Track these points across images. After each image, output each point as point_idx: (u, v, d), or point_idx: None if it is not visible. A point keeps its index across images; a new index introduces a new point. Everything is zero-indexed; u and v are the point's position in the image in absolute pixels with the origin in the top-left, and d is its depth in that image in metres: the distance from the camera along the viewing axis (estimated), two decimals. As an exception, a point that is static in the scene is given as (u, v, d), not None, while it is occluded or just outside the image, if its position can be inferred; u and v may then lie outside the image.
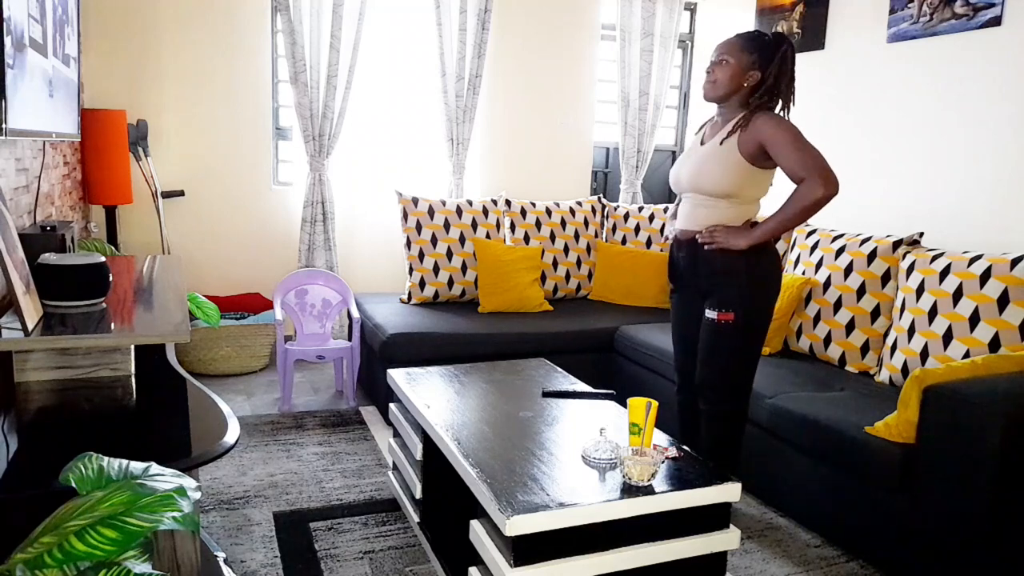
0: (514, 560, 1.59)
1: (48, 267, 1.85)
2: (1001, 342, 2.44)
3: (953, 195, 3.17)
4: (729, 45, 2.30)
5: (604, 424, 2.07)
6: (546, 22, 4.49)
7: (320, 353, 3.47)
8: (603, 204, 4.26)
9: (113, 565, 0.91)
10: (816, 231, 3.27)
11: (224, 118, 3.96)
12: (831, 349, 3.00)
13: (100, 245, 3.04)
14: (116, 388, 1.73)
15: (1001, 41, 2.97)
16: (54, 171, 2.95)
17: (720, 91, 2.32)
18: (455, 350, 3.24)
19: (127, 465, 1.07)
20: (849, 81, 3.68)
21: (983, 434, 1.94)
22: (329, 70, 3.91)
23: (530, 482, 1.71)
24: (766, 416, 2.56)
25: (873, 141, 3.56)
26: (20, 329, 1.61)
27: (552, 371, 2.61)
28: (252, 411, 3.35)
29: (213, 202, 4.01)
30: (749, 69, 2.27)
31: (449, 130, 4.27)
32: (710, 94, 2.35)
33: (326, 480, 2.68)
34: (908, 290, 2.76)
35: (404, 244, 3.75)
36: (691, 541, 1.75)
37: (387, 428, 3.22)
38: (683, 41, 4.92)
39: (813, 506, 2.45)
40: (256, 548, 2.22)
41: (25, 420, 1.56)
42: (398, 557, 2.21)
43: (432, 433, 2.07)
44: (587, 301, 4.06)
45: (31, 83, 2.00)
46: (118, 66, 3.74)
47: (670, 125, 5.07)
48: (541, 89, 4.55)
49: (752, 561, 2.29)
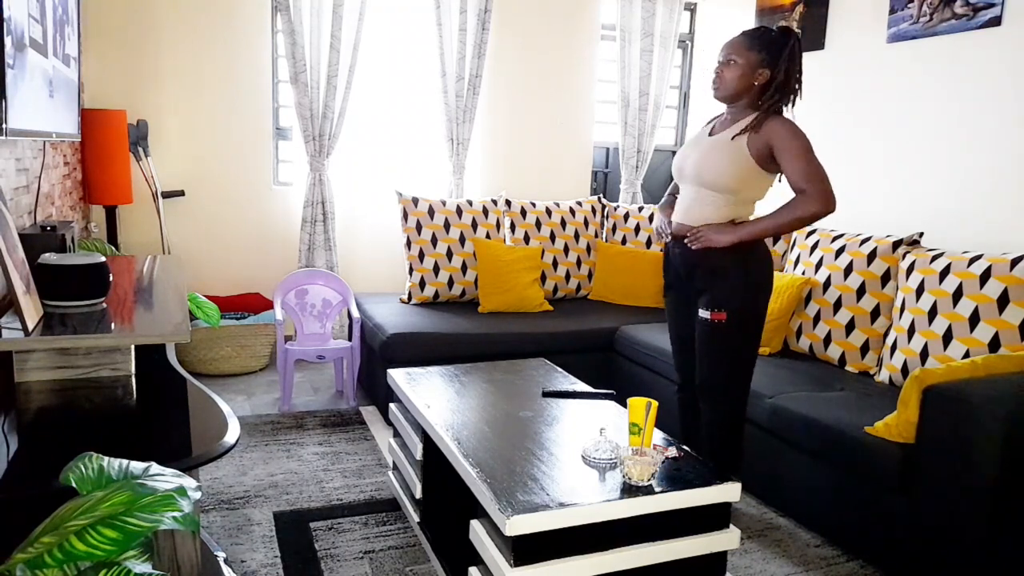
0: (514, 560, 1.59)
1: (48, 267, 1.85)
2: (1001, 342, 2.44)
3: (953, 195, 3.17)
4: (736, 45, 2.27)
5: (604, 424, 2.07)
6: (546, 22, 4.49)
7: (320, 353, 3.47)
8: (603, 204, 4.26)
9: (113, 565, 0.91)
10: (816, 231, 3.27)
11: (224, 118, 3.96)
12: (831, 349, 3.00)
13: (100, 245, 3.04)
14: (116, 388, 1.73)
15: (1001, 41, 2.97)
16: (54, 171, 2.95)
17: (729, 91, 2.29)
18: (455, 350, 3.24)
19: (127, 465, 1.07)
20: (849, 81, 3.67)
21: (983, 434, 1.94)
22: (329, 70, 3.91)
23: (530, 482, 1.71)
24: (766, 416, 2.56)
25: (873, 141, 3.56)
26: (20, 329, 1.61)
27: (552, 371, 2.61)
28: (252, 411, 3.35)
29: (213, 202, 4.01)
30: (758, 68, 2.24)
31: (449, 130, 4.27)
32: (720, 95, 2.33)
33: (326, 480, 2.68)
34: (908, 290, 2.76)
35: (404, 244, 3.75)
36: (691, 541, 1.75)
37: (387, 428, 3.22)
38: (683, 41, 4.92)
39: (813, 506, 2.45)
40: (256, 548, 2.22)
41: (25, 420, 1.56)
42: (398, 557, 2.21)
43: (432, 433, 2.07)
44: (587, 301, 4.06)
45: (31, 83, 2.00)
46: (118, 66, 3.74)
47: (670, 125, 5.07)
48: (541, 89, 4.55)
49: (752, 561, 2.29)
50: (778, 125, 2.20)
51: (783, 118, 2.23)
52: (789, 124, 2.21)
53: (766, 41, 2.24)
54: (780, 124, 2.20)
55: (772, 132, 2.20)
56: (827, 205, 2.14)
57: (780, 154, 2.19)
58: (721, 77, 2.30)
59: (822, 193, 2.14)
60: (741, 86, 2.27)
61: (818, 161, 2.17)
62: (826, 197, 2.14)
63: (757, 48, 2.24)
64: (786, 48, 2.23)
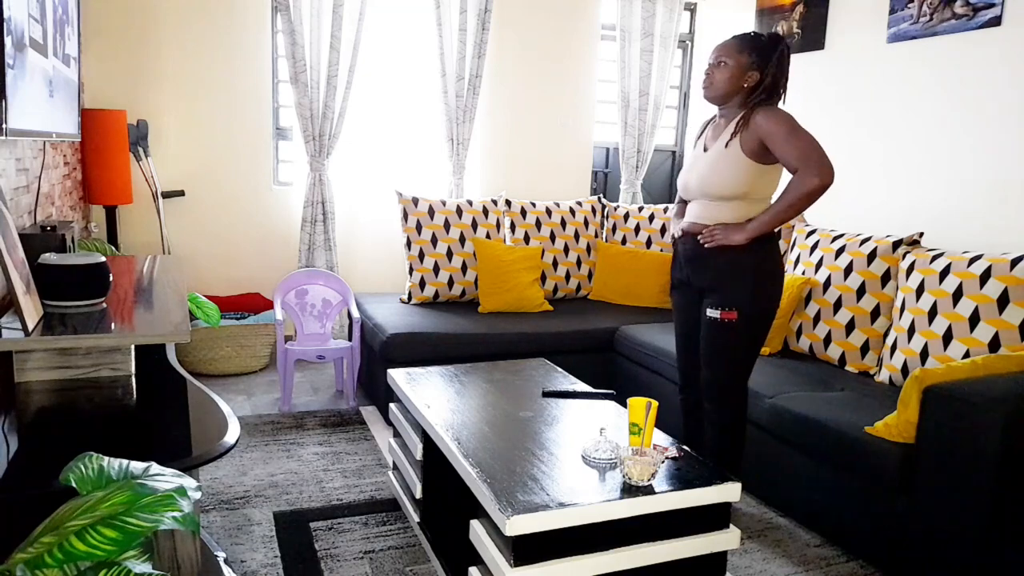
0: (514, 560, 1.59)
1: (48, 267, 1.85)
2: (1001, 342, 2.44)
3: (953, 195, 3.17)
4: (726, 47, 2.31)
5: (604, 424, 2.07)
6: (546, 22, 4.49)
7: (320, 353, 3.47)
8: (603, 204, 4.25)
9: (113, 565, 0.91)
10: (816, 231, 3.27)
11: (224, 118, 3.96)
12: (831, 349, 3.00)
13: (100, 245, 3.04)
14: (116, 388, 1.73)
15: (1001, 41, 2.97)
16: (54, 171, 2.95)
17: (719, 92, 2.33)
18: (455, 350, 3.24)
19: (127, 465, 1.07)
20: (849, 81, 3.68)
21: (983, 434, 1.94)
22: (329, 70, 3.91)
23: (530, 482, 1.71)
24: (766, 416, 2.56)
25: (873, 141, 3.56)
26: (20, 329, 1.62)
27: (552, 371, 2.61)
28: (252, 411, 3.35)
29: (213, 202, 4.01)
30: (748, 70, 2.28)
31: (449, 130, 4.27)
32: (709, 95, 2.37)
33: (326, 480, 2.68)
34: (908, 290, 2.76)
35: (404, 244, 3.75)
36: (691, 541, 1.75)
37: (387, 428, 3.22)
38: (683, 41, 4.93)
39: (813, 506, 2.45)
40: (256, 548, 2.22)
41: (25, 420, 1.56)
42: (398, 557, 2.21)
43: (432, 433, 2.07)
44: (587, 301, 4.06)
45: (31, 83, 2.00)
46: (118, 66, 3.74)
47: (670, 125, 5.07)
48: (541, 89, 4.55)
49: (752, 561, 2.29)
50: (761, 117, 2.22)
51: (765, 108, 2.25)
52: (771, 111, 2.24)
53: (756, 45, 2.28)
54: (763, 115, 2.22)
55: (758, 125, 2.22)
56: (823, 176, 2.14)
57: (770, 143, 2.21)
58: (711, 78, 2.33)
59: (817, 165, 2.14)
60: (731, 87, 2.30)
61: (805, 133, 2.18)
62: (820, 168, 2.14)
63: (747, 51, 2.28)
64: (775, 53, 2.27)
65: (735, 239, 2.26)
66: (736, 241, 2.26)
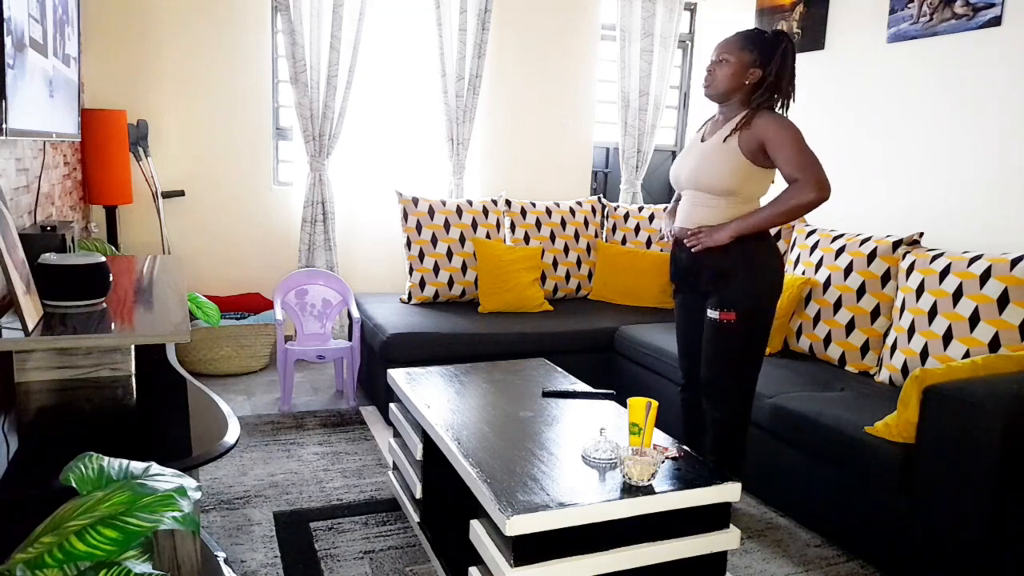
0: (514, 560, 1.59)
1: (48, 267, 1.85)
2: (1001, 342, 2.44)
3: (953, 195, 3.17)
4: (728, 44, 2.29)
5: (604, 424, 2.07)
6: (546, 22, 4.49)
7: (320, 353, 3.47)
8: (603, 204, 4.26)
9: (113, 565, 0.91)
10: (816, 231, 3.27)
11: (224, 118, 3.96)
12: (831, 349, 3.00)
13: (100, 245, 3.04)
14: (116, 388, 1.73)
15: (1001, 41, 2.97)
16: (54, 171, 2.95)
17: (721, 89, 2.31)
18: (455, 350, 3.24)
19: (127, 465, 1.07)
20: (849, 81, 3.68)
21: (983, 434, 1.94)
22: (329, 70, 3.91)
23: (530, 482, 1.71)
24: (766, 416, 2.56)
25: (873, 141, 3.56)
26: (20, 329, 1.61)
27: (552, 371, 2.61)
28: (252, 411, 3.35)
29: (213, 202, 4.01)
30: (750, 67, 2.26)
31: (449, 130, 4.27)
32: (711, 93, 2.35)
33: (326, 480, 2.68)
34: (908, 290, 2.76)
35: (404, 244, 3.75)
36: (691, 541, 1.75)
37: (387, 428, 3.22)
38: (683, 41, 4.93)
39: (813, 506, 2.45)
40: (256, 548, 2.22)
41: (25, 420, 1.56)
42: (398, 557, 2.21)
43: (432, 433, 2.07)
44: (587, 301, 4.06)
45: (31, 83, 2.00)
46: (118, 66, 3.74)
47: (670, 125, 5.07)
48: (541, 89, 4.55)
49: (752, 561, 2.29)
50: (766, 120, 2.21)
51: (772, 113, 2.25)
52: (777, 117, 2.23)
53: (759, 42, 2.27)
54: (768, 119, 2.22)
55: (761, 127, 2.21)
56: (821, 192, 2.14)
57: (771, 147, 2.20)
58: (713, 75, 2.32)
59: (815, 180, 2.14)
60: (732, 85, 2.29)
61: (809, 149, 2.18)
62: (819, 184, 2.14)
63: (750, 48, 2.26)
64: (778, 50, 2.25)
65: (718, 238, 2.26)
66: (719, 241, 2.26)
